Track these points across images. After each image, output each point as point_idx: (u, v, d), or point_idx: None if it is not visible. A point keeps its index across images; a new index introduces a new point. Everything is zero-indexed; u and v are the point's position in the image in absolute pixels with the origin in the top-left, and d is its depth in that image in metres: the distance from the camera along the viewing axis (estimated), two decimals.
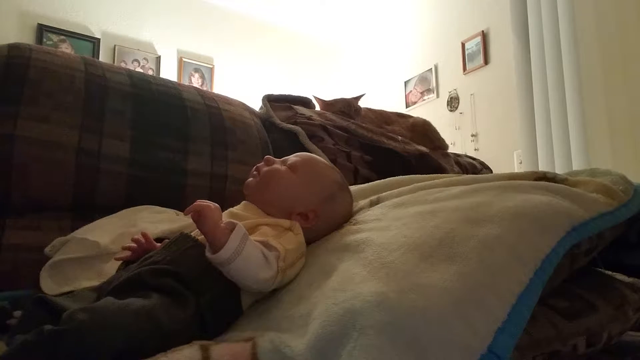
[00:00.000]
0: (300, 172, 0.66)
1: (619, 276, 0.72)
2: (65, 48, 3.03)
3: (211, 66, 3.69)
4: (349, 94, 1.64)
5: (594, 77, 2.27)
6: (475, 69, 3.07)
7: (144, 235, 0.64)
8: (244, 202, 0.67)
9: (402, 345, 0.35)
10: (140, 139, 0.95)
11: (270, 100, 1.41)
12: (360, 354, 0.34)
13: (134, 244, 0.63)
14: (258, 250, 0.51)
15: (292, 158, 0.69)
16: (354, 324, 0.37)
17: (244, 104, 1.26)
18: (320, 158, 0.73)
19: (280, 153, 0.86)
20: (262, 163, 0.69)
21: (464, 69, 3.15)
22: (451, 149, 1.70)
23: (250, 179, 0.68)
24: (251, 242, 0.51)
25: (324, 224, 0.65)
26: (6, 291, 0.67)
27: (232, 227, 0.50)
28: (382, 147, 1.32)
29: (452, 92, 3.24)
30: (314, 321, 0.40)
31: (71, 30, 3.10)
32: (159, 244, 0.62)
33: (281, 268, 0.52)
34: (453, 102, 3.23)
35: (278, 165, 0.68)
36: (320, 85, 4.07)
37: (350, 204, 0.72)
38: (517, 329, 0.39)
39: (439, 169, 1.36)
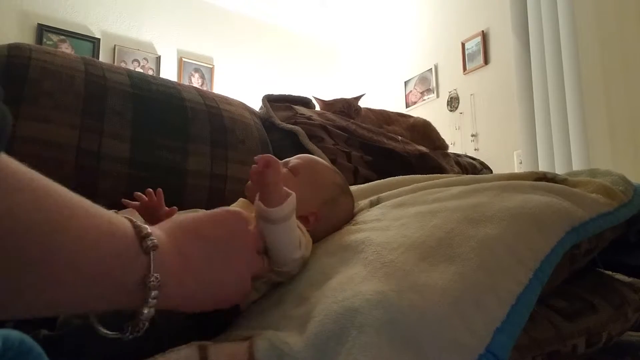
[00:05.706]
0: (301, 174, 0.66)
1: (619, 276, 0.72)
2: (65, 48, 3.03)
3: (211, 66, 3.69)
4: (348, 94, 1.64)
5: (594, 77, 2.27)
6: (475, 69, 3.07)
7: (157, 193, 0.59)
8: (241, 199, 0.65)
9: (400, 344, 0.35)
10: (140, 139, 0.95)
11: (270, 100, 1.41)
12: (358, 352, 0.34)
13: (144, 197, 0.58)
14: (297, 229, 0.51)
15: (293, 160, 0.68)
16: (353, 322, 0.37)
17: (244, 104, 1.26)
18: (321, 160, 0.72)
19: (280, 153, 0.86)
20: None
21: (464, 69, 3.15)
22: (451, 149, 1.70)
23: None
24: (295, 219, 0.50)
25: (324, 227, 0.64)
26: None
27: (288, 193, 0.49)
28: (382, 147, 1.32)
29: (452, 92, 3.24)
30: (312, 319, 0.40)
31: (71, 30, 3.10)
32: (167, 208, 0.59)
33: (304, 257, 0.52)
34: (453, 102, 3.23)
35: None
36: (320, 85, 4.07)
37: (352, 207, 0.71)
38: (516, 329, 0.39)
39: (439, 169, 1.36)
